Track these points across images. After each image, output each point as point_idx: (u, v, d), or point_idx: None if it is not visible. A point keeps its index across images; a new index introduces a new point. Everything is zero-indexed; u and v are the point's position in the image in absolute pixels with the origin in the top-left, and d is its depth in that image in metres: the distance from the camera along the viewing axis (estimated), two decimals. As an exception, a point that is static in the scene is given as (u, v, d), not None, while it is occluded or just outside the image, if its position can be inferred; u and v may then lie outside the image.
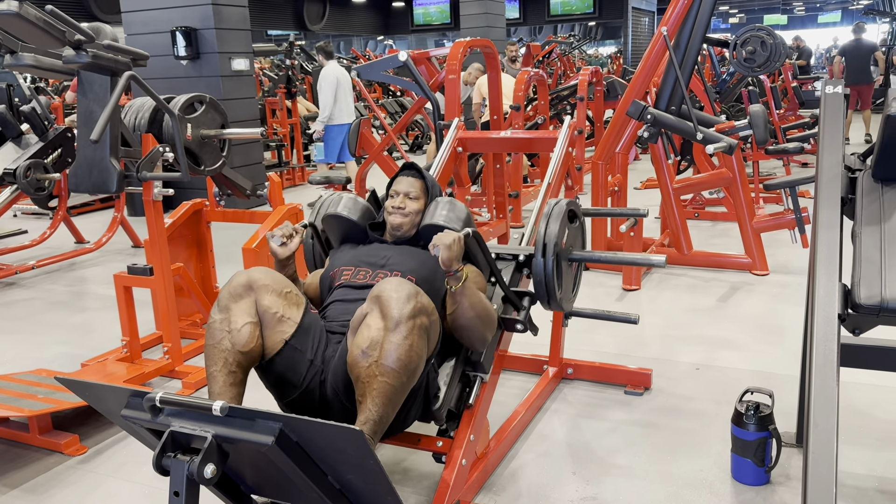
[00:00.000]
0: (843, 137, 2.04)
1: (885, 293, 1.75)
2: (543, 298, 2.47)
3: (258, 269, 2.14)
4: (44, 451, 2.81)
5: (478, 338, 2.24)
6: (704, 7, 4.33)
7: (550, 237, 2.41)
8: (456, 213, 2.45)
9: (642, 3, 23.35)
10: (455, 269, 2.11)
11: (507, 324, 2.48)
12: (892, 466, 2.51)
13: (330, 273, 2.44)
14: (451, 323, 2.22)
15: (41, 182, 5.02)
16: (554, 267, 2.41)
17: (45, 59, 3.08)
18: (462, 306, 2.16)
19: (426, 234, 2.38)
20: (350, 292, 2.31)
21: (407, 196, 2.48)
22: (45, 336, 4.15)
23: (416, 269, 2.31)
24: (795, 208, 4.05)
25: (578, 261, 2.65)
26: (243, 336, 2.02)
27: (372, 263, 2.37)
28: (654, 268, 4.87)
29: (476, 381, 2.36)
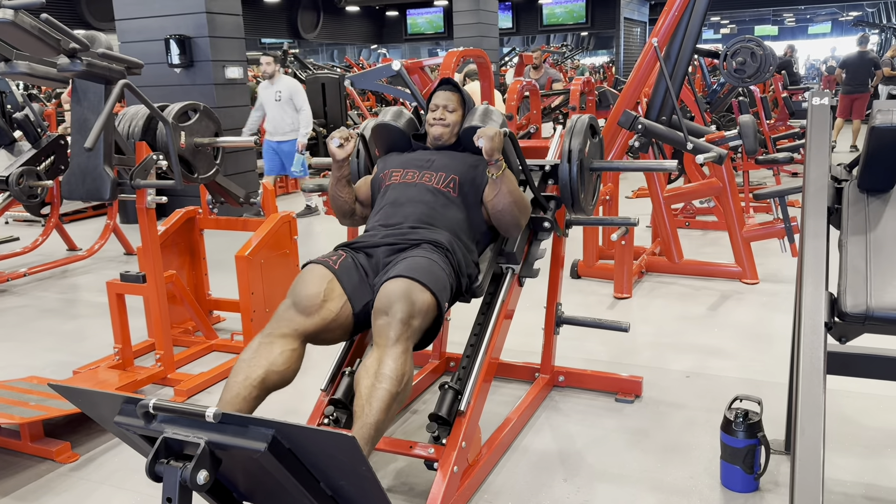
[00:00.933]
0: (830, 149, 2.07)
1: (871, 302, 1.78)
2: (568, 201, 2.79)
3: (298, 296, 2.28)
4: (35, 459, 2.80)
5: (513, 223, 2.55)
6: (695, 18, 4.37)
7: (575, 147, 2.73)
8: (492, 117, 2.72)
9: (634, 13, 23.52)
10: (496, 159, 2.41)
11: (535, 222, 2.78)
12: (878, 473, 2.53)
13: (381, 174, 2.72)
14: (491, 210, 2.55)
15: (34, 189, 5.02)
16: (578, 173, 2.71)
17: (39, 67, 3.09)
18: (501, 192, 2.47)
19: (466, 136, 2.68)
20: (400, 192, 2.59)
21: (446, 108, 2.75)
22: (37, 343, 4.14)
23: (458, 168, 2.62)
24: (785, 218, 4.08)
25: (598, 170, 2.94)
26: (282, 358, 2.18)
27: (419, 166, 2.66)
28: (647, 277, 4.89)
29: (508, 274, 2.66)
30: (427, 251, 2.37)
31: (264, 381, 2.12)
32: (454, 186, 2.59)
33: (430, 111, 2.79)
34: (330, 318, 2.27)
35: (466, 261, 2.50)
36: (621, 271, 4.56)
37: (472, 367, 2.42)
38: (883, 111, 1.91)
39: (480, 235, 2.63)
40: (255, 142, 3.84)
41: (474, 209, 2.61)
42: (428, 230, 2.47)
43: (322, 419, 2.44)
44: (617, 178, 4.92)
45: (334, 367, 2.56)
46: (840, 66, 11.24)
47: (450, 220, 2.53)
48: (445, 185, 2.59)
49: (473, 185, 2.60)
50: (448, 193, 2.58)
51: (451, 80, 2.84)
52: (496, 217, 2.56)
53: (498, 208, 2.52)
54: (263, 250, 3.65)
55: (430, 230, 2.47)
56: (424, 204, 2.54)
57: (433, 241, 2.42)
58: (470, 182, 2.60)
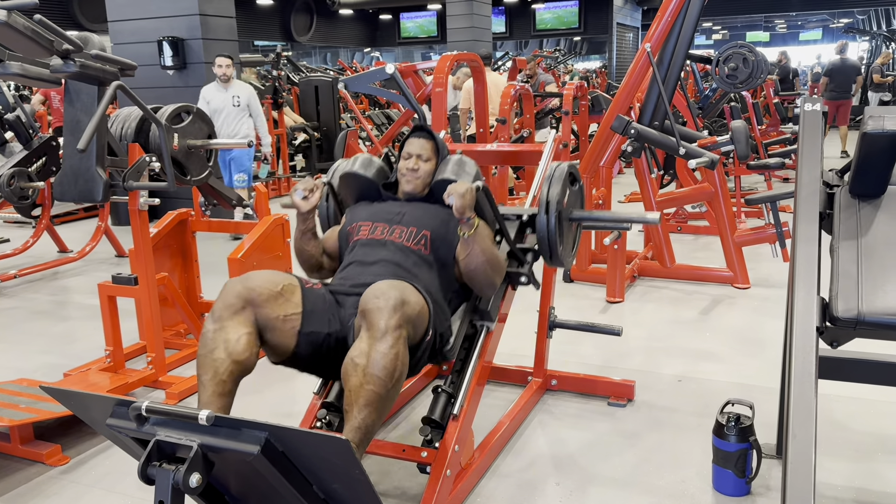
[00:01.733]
0: (821, 154, 2.08)
1: (862, 307, 1.79)
2: (546, 254, 2.64)
3: (251, 277, 2.17)
4: (25, 462, 2.79)
5: (487, 283, 2.42)
6: (688, 24, 4.39)
7: (553, 197, 2.58)
8: (466, 169, 2.58)
9: (627, 18, 23.60)
10: (468, 217, 2.26)
11: (511, 277, 2.64)
12: (869, 477, 2.55)
13: (348, 228, 2.57)
14: (464, 269, 2.40)
15: (25, 191, 4.99)
16: (556, 224, 2.57)
17: (32, 68, 3.07)
18: (474, 251, 2.33)
19: (438, 189, 2.50)
20: (368, 251, 2.43)
21: (419, 158, 2.59)
22: (28, 345, 4.12)
23: (430, 223, 2.45)
24: (776, 223, 4.11)
25: (578, 220, 2.82)
26: (240, 346, 2.05)
27: (388, 219, 2.50)
28: (639, 281, 4.91)
29: (482, 331, 2.52)
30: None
31: (233, 373, 2.03)
32: (426, 243, 2.42)
33: (402, 159, 2.62)
34: (278, 314, 2.12)
35: (439, 318, 2.31)
36: (614, 275, 4.58)
37: (465, 370, 2.42)
38: (874, 117, 1.92)
39: (453, 294, 2.47)
40: (248, 143, 3.83)
41: (447, 267, 2.45)
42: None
43: (315, 422, 2.44)
44: (609, 182, 4.93)
45: (327, 370, 2.55)
46: (825, 73, 11.41)
47: (421, 279, 2.34)
48: (416, 243, 2.42)
49: (446, 242, 2.43)
50: (419, 251, 2.41)
51: (425, 126, 2.69)
52: (468, 277, 2.41)
53: (470, 268, 2.37)
54: (256, 253, 3.64)
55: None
56: (394, 264, 2.36)
57: None
58: (442, 238, 2.42)
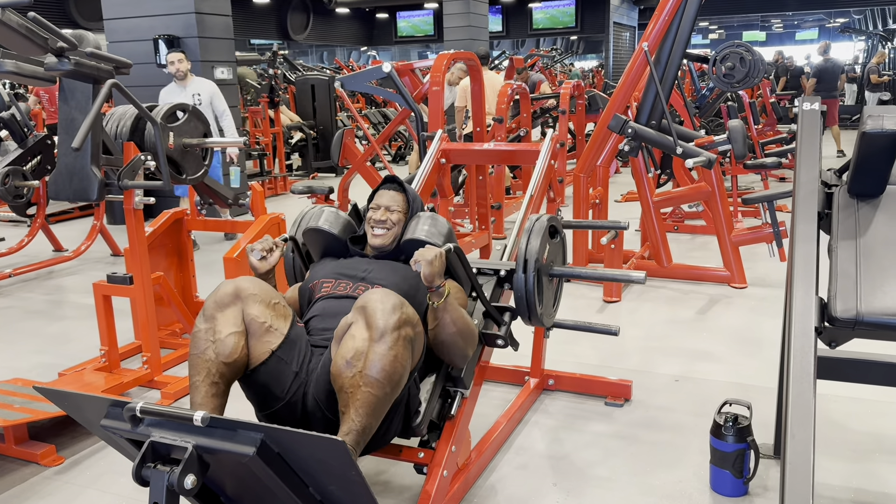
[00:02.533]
0: (820, 153, 2.08)
1: (861, 307, 1.79)
2: (524, 314, 2.47)
3: (245, 279, 2.12)
4: (19, 462, 2.77)
5: (459, 354, 2.24)
6: (685, 23, 4.39)
7: (531, 253, 2.42)
8: (437, 228, 2.43)
9: (623, 18, 23.61)
10: (437, 285, 2.11)
11: (487, 339, 2.46)
12: (867, 478, 2.54)
13: (309, 285, 2.41)
14: (433, 339, 2.21)
15: (20, 189, 4.97)
16: (535, 282, 2.41)
17: (26, 66, 3.06)
18: (444, 322, 2.16)
19: (408, 248, 2.37)
20: (331, 305, 2.28)
21: (388, 209, 2.46)
22: (22, 345, 4.09)
23: (398, 284, 2.27)
24: (773, 222, 4.11)
25: (559, 276, 2.66)
26: (228, 346, 2.00)
27: (352, 276, 2.35)
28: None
29: (457, 397, 2.34)
30: None
31: (224, 375, 2.01)
32: None
33: (371, 209, 2.48)
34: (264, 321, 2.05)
35: (412, 393, 2.17)
36: (611, 275, 4.56)
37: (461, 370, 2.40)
38: (873, 116, 1.92)
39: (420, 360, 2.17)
40: (244, 142, 3.82)
41: None
42: None
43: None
44: (606, 182, 4.93)
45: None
46: (813, 75, 11.52)
47: None
48: None
49: (415, 304, 2.13)
50: None
51: (396, 178, 2.56)
52: (438, 348, 2.22)
53: (440, 339, 2.19)
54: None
55: None
56: None
57: None
58: (410, 300, 2.10)
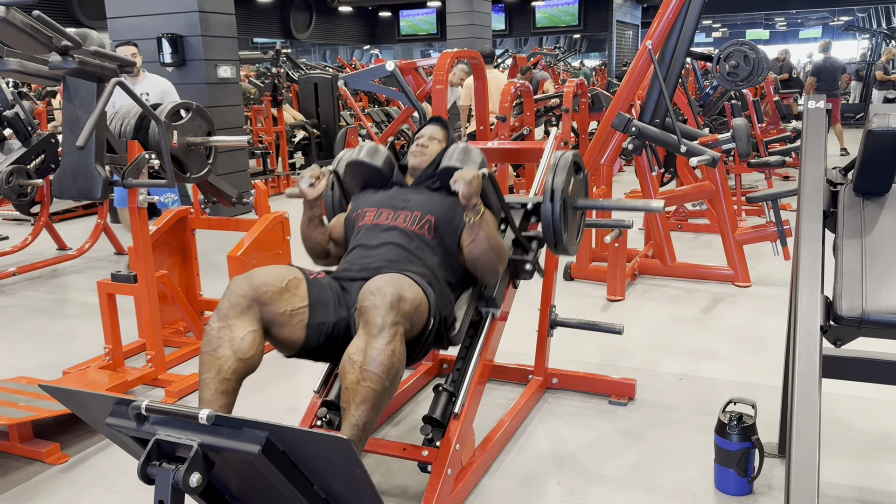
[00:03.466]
0: (825, 152, 2.07)
1: (867, 305, 1.78)
2: (551, 242, 2.64)
3: (256, 274, 2.16)
4: (24, 460, 2.77)
5: (490, 270, 2.44)
6: (689, 21, 4.38)
7: (558, 185, 2.58)
8: (471, 157, 2.61)
9: (626, 16, 23.59)
10: (474, 203, 2.27)
11: (516, 265, 2.65)
12: (873, 477, 2.54)
13: (353, 214, 2.59)
14: (468, 255, 2.42)
15: (24, 188, 4.98)
16: (561, 212, 2.57)
17: (30, 65, 3.06)
18: (479, 238, 2.35)
19: (444, 176, 2.52)
20: (373, 234, 2.46)
21: (430, 137, 2.71)
22: (26, 343, 4.10)
23: (434, 209, 2.48)
24: (777, 221, 4.10)
25: (582, 209, 2.82)
26: (245, 343, 2.04)
27: (393, 206, 2.52)
28: (640, 280, 4.90)
29: (487, 317, 2.51)
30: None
31: (237, 372, 2.02)
32: (429, 228, 2.45)
33: (414, 142, 2.72)
34: (285, 310, 2.13)
35: (443, 301, 2.33)
36: (614, 274, 4.56)
37: (466, 369, 2.41)
38: (879, 115, 1.91)
39: (457, 279, 2.47)
40: (248, 141, 3.82)
41: (451, 252, 2.46)
42: (403, 264, 2.34)
43: (315, 421, 2.43)
44: (610, 181, 4.92)
45: (327, 369, 2.55)
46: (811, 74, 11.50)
47: (425, 263, 2.38)
48: (420, 227, 2.44)
49: (451, 227, 2.45)
50: (423, 236, 2.43)
51: (441, 118, 2.83)
52: (472, 264, 2.43)
53: (474, 255, 2.39)
54: (256, 251, 3.63)
55: (405, 265, 2.34)
56: (398, 247, 2.39)
57: (410, 272, 2.27)
58: (447, 224, 2.45)
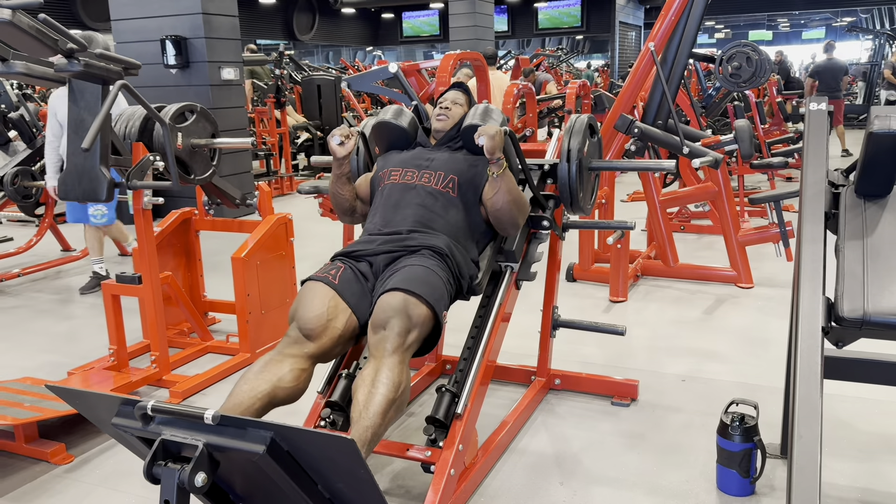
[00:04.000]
0: (827, 153, 2.08)
1: (868, 307, 1.79)
2: (567, 200, 2.81)
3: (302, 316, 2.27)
4: (30, 460, 2.79)
5: (512, 222, 2.57)
6: (691, 23, 4.39)
7: (574, 146, 2.75)
8: (492, 115, 2.73)
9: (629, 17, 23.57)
10: (497, 157, 2.42)
11: (534, 221, 2.80)
12: (874, 478, 2.54)
13: (380, 173, 2.73)
14: (490, 208, 2.56)
15: (28, 189, 5.01)
16: (577, 172, 2.74)
17: (36, 68, 3.08)
18: (501, 190, 2.48)
19: (466, 136, 2.67)
20: (396, 194, 2.60)
21: (454, 102, 2.83)
22: (31, 344, 4.12)
23: (457, 168, 2.63)
24: (780, 222, 4.10)
25: (597, 170, 2.96)
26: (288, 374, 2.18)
27: (418, 165, 2.66)
28: (642, 281, 4.90)
29: (506, 272, 2.68)
30: (425, 258, 2.37)
31: (270, 395, 2.12)
32: (453, 186, 2.60)
33: (437, 106, 2.84)
34: (337, 336, 2.27)
35: (466, 263, 2.51)
36: (617, 275, 4.57)
37: (468, 370, 2.42)
38: (881, 117, 1.92)
39: (480, 235, 2.64)
40: (252, 143, 3.83)
41: (474, 209, 2.61)
42: (426, 235, 2.47)
43: (319, 421, 2.44)
44: (612, 181, 4.93)
45: (331, 369, 2.56)
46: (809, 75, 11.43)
47: (449, 221, 2.54)
48: (445, 186, 2.59)
49: (472, 185, 2.61)
50: (447, 194, 2.58)
51: (463, 84, 2.92)
52: (495, 216, 2.57)
53: (497, 207, 2.53)
54: (260, 252, 3.64)
55: (428, 235, 2.47)
56: (423, 207, 2.54)
57: (431, 246, 2.42)
58: (469, 181, 2.61)
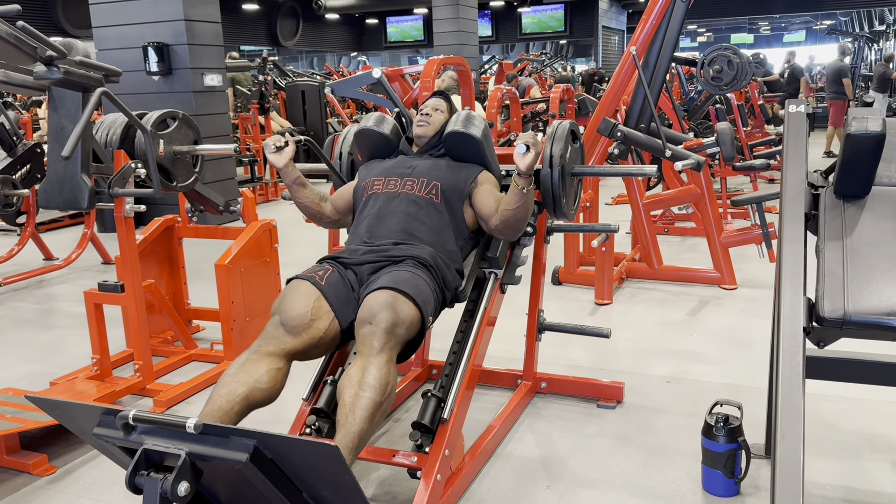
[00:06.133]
0: (806, 155, 2.10)
1: (848, 307, 1.80)
2: (550, 206, 2.83)
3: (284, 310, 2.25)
4: (11, 472, 2.75)
5: (517, 229, 2.57)
6: (673, 26, 4.42)
7: (556, 153, 2.76)
8: (474, 123, 2.72)
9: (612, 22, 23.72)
10: (531, 171, 2.38)
11: None
12: (857, 476, 2.56)
13: (362, 184, 2.72)
14: (505, 217, 2.50)
15: (9, 198, 4.96)
16: (560, 178, 2.75)
17: (15, 75, 3.06)
18: (524, 204, 2.44)
19: (448, 142, 2.72)
20: (381, 205, 2.58)
21: (435, 109, 2.80)
22: (13, 354, 4.08)
23: (440, 175, 2.62)
24: (762, 224, 4.13)
25: (579, 175, 2.98)
26: (265, 376, 2.15)
27: (400, 174, 2.65)
28: (627, 283, 4.92)
29: (490, 278, 2.66)
30: (410, 266, 2.36)
31: (247, 398, 2.10)
32: (437, 193, 2.59)
33: (419, 113, 2.82)
34: (318, 337, 2.25)
35: (451, 274, 2.50)
36: (602, 277, 4.59)
37: (454, 374, 2.41)
38: (858, 118, 1.94)
39: (464, 241, 2.64)
40: (235, 149, 3.82)
41: (458, 215, 2.61)
42: (410, 246, 2.45)
43: (304, 429, 2.43)
44: (597, 185, 4.95)
45: (316, 376, 2.55)
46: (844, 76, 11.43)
47: (433, 228, 2.53)
48: (428, 192, 2.58)
49: (456, 191, 2.61)
50: (431, 200, 2.58)
51: (443, 91, 2.90)
52: (503, 225, 2.53)
53: (515, 217, 2.49)
54: (244, 259, 3.62)
55: (412, 246, 2.45)
56: (408, 215, 2.53)
57: (416, 257, 2.40)
58: (453, 188, 2.61)
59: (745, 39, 35.35)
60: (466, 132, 2.68)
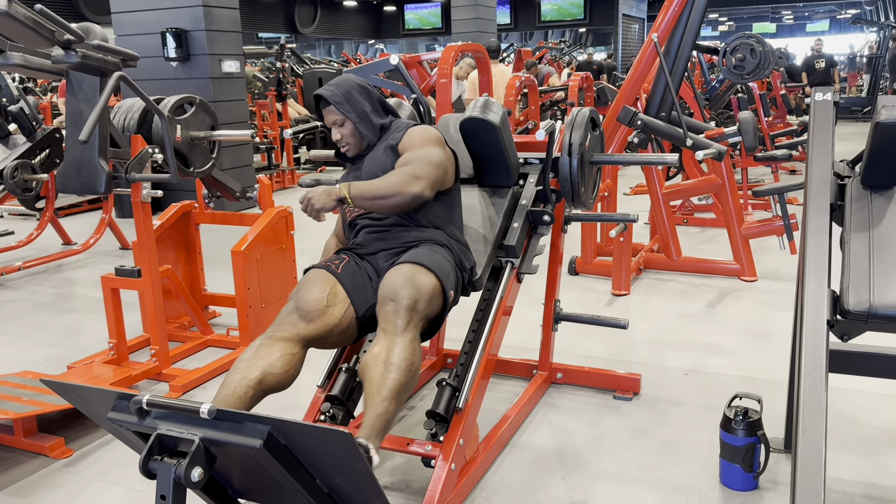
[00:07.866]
0: (832, 145, 2.05)
1: (874, 299, 1.76)
2: (568, 195, 2.77)
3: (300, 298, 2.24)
4: (28, 454, 2.78)
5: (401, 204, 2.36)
6: (695, 15, 4.35)
7: (575, 140, 2.72)
8: (493, 109, 2.66)
9: (632, 9, 23.47)
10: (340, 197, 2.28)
11: (535, 215, 2.75)
12: (879, 472, 2.52)
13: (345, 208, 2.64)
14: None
15: (28, 183, 4.99)
16: (578, 167, 2.71)
17: (33, 59, 3.06)
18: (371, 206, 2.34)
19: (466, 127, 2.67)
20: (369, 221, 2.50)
21: (335, 125, 2.50)
22: (31, 338, 4.11)
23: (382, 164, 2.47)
24: (784, 215, 4.07)
25: (598, 163, 2.93)
26: (279, 360, 2.12)
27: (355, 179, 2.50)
28: (645, 274, 4.88)
29: (507, 267, 2.63)
30: (428, 247, 2.36)
31: (261, 383, 2.08)
32: None
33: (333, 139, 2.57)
34: (333, 324, 2.24)
35: (464, 253, 2.50)
36: (619, 268, 4.55)
37: (469, 363, 2.40)
38: (888, 106, 1.89)
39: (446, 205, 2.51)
40: (252, 135, 3.81)
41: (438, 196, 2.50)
42: (419, 231, 2.43)
43: (318, 416, 2.43)
44: (615, 174, 4.90)
45: (331, 363, 2.54)
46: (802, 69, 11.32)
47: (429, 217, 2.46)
48: None
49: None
50: None
51: (319, 95, 2.48)
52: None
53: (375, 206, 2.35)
54: (260, 245, 3.62)
55: (420, 231, 2.43)
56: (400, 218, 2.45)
57: (430, 239, 2.40)
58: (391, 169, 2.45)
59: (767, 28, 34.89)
60: (484, 118, 2.64)
